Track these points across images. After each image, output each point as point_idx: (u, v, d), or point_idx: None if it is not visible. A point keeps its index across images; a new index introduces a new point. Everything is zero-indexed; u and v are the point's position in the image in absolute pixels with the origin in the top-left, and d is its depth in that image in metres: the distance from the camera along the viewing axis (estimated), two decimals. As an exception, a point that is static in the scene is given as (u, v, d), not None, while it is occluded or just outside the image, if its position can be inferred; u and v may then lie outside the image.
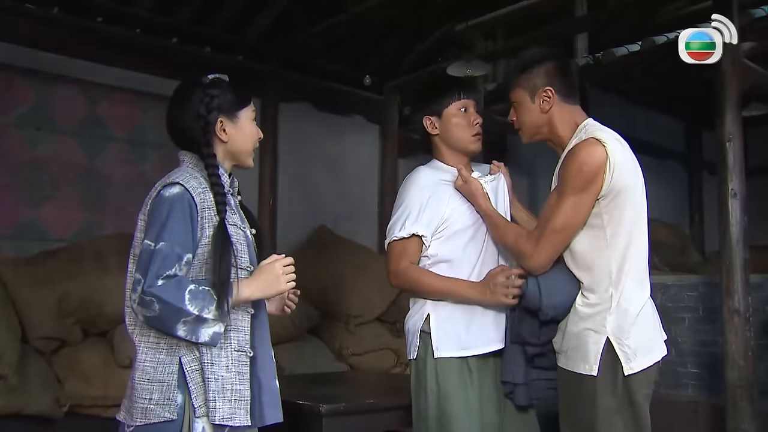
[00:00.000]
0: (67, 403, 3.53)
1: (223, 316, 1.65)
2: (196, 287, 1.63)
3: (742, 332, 3.40)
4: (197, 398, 1.66)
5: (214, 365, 1.67)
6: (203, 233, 1.70)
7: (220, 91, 1.80)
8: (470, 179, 2.20)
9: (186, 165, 1.82)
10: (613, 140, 1.98)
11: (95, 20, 4.50)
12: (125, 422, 1.70)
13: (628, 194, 1.96)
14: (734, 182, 3.50)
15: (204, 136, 1.78)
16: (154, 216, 1.68)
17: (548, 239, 1.98)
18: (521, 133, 2.17)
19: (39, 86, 4.37)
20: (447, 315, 2.19)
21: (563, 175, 1.98)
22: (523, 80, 2.09)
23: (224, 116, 1.81)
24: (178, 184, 1.71)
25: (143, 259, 1.64)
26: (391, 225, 2.25)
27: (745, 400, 3.37)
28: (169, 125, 1.85)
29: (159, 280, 1.60)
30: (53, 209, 4.37)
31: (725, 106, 3.54)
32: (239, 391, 1.70)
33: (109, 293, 3.72)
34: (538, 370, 2.11)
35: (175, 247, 1.63)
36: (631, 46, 4.39)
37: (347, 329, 4.84)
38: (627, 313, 1.93)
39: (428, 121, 2.32)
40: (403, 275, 2.21)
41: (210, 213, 1.71)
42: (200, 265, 1.70)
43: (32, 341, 3.62)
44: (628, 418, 1.90)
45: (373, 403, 2.73)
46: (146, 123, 4.81)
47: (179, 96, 1.84)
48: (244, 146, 1.85)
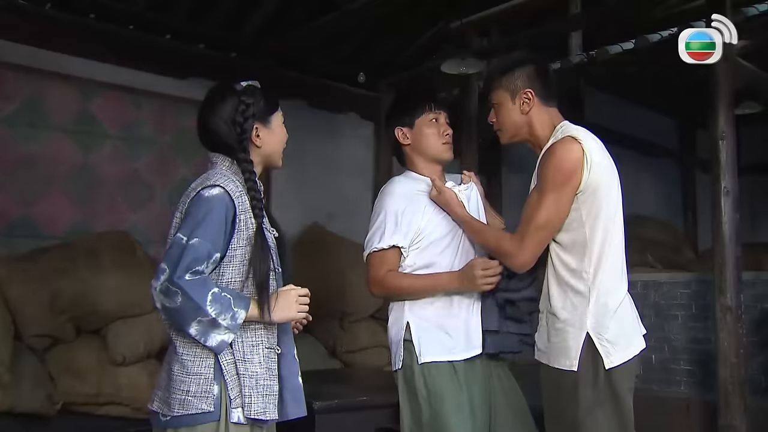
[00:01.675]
0: (60, 401, 3.52)
1: (235, 327, 1.70)
2: (219, 291, 1.68)
3: (735, 329, 3.42)
4: (233, 390, 1.73)
5: (247, 362, 1.75)
6: (240, 236, 1.76)
7: (254, 99, 1.86)
8: (444, 189, 2.25)
9: (220, 167, 1.86)
10: (589, 138, 2.04)
11: (88, 16, 4.47)
12: (160, 411, 1.76)
13: (605, 191, 2.01)
14: (727, 180, 3.51)
15: (240, 143, 1.84)
16: (191, 214, 1.74)
17: (532, 237, 2.02)
18: (500, 134, 2.22)
19: (31, 83, 4.34)
20: (425, 321, 2.24)
21: (542, 174, 2.03)
22: (504, 82, 2.15)
23: (259, 123, 1.87)
24: (219, 186, 1.76)
25: (173, 251, 1.69)
26: (370, 237, 2.30)
27: (736, 396, 3.38)
28: (201, 129, 1.89)
29: (188, 274, 1.65)
30: (46, 206, 4.36)
31: (718, 104, 3.56)
32: (270, 386, 1.78)
33: (103, 291, 3.72)
34: (509, 321, 2.19)
35: (207, 245, 1.69)
36: (625, 45, 4.40)
37: (341, 326, 4.85)
38: (606, 307, 1.96)
39: (400, 132, 2.38)
40: (384, 282, 2.27)
41: (247, 216, 1.77)
42: (239, 268, 1.76)
43: (25, 339, 3.61)
44: (611, 411, 1.93)
45: (367, 400, 2.75)
46: (140, 120, 4.79)
47: (213, 101, 1.88)
48: (275, 149, 1.94)
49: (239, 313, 1.70)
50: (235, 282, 1.75)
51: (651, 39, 4.25)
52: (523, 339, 2.21)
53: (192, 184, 1.82)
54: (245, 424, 1.74)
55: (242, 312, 1.71)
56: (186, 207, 1.78)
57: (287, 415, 1.84)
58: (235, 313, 1.69)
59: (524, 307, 2.17)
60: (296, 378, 1.88)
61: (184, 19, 4.80)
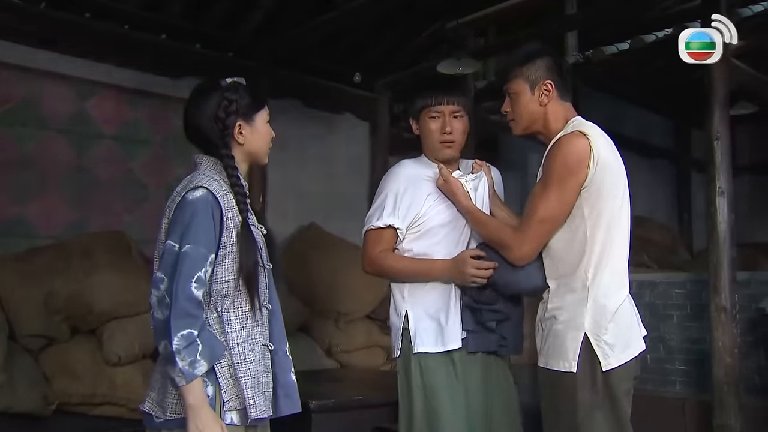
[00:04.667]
0: (54, 401, 3.51)
1: (190, 377, 1.65)
2: (197, 333, 1.65)
3: (729, 329, 3.43)
4: (227, 392, 1.72)
5: (249, 362, 1.74)
6: (228, 233, 1.75)
7: (238, 96, 1.85)
8: (450, 178, 2.23)
9: (204, 168, 1.86)
10: (598, 135, 2.01)
11: (83, 16, 4.46)
12: (153, 414, 1.75)
13: (610, 190, 1.98)
14: (722, 180, 3.52)
15: (222, 139, 1.83)
16: (178, 219, 1.73)
17: (533, 230, 2.00)
18: (514, 125, 2.17)
19: (27, 82, 4.34)
20: (423, 311, 2.24)
21: (548, 167, 2.00)
22: (525, 71, 2.10)
23: (242, 120, 1.86)
24: (202, 188, 1.75)
25: (167, 260, 1.70)
26: (369, 214, 2.32)
27: (731, 396, 3.39)
28: (186, 125, 1.90)
29: (193, 282, 1.66)
30: (41, 206, 4.35)
31: (713, 104, 3.56)
32: (266, 383, 1.79)
33: (98, 290, 3.71)
34: (483, 327, 2.19)
35: (201, 248, 1.69)
36: (621, 45, 4.41)
37: (337, 326, 4.84)
38: (605, 309, 1.94)
39: (411, 121, 2.39)
40: (377, 260, 2.28)
41: (234, 214, 1.77)
42: (231, 266, 1.75)
43: (20, 339, 3.60)
44: (609, 413, 1.91)
45: (362, 399, 2.74)
46: (135, 120, 4.79)
47: (198, 97, 1.89)
48: (259, 147, 1.92)
49: (199, 365, 1.65)
50: (228, 280, 1.75)
51: (646, 39, 4.27)
52: (501, 341, 2.20)
53: (177, 188, 1.82)
54: (239, 425, 1.73)
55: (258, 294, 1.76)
56: (172, 212, 1.77)
57: (280, 412, 1.84)
58: (196, 362, 1.64)
59: (487, 316, 2.17)
60: (289, 375, 1.87)
61: (180, 18, 4.79)
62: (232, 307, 1.76)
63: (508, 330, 2.20)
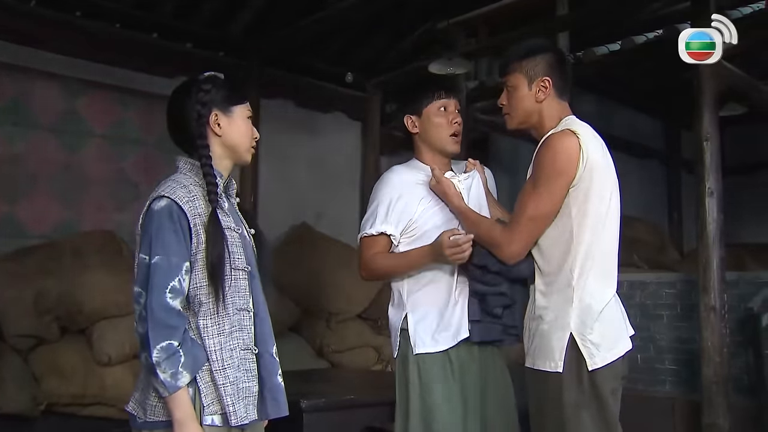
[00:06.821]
0: (44, 402, 3.50)
1: (173, 388, 1.64)
2: (178, 344, 1.65)
3: (718, 329, 3.45)
4: (207, 397, 1.70)
5: (227, 369, 1.72)
6: (198, 239, 1.72)
7: (213, 86, 1.84)
8: (442, 179, 2.23)
9: (180, 172, 1.84)
10: (589, 134, 2.00)
11: (74, 14, 4.44)
12: (136, 414, 1.75)
13: (597, 190, 1.97)
14: (711, 181, 3.54)
15: (198, 128, 1.81)
16: (146, 231, 1.72)
17: (522, 228, 2.00)
18: (508, 119, 2.16)
19: (17, 81, 4.31)
20: (423, 311, 2.24)
21: (537, 165, 2.00)
22: (524, 66, 2.09)
23: (218, 109, 1.84)
24: (165, 197, 1.73)
25: (140, 273, 1.69)
26: (364, 222, 2.33)
27: (720, 395, 3.41)
28: (168, 124, 1.89)
29: (167, 293, 1.64)
30: (31, 206, 4.32)
31: (703, 106, 3.59)
32: (249, 388, 1.76)
33: (88, 290, 3.69)
34: (490, 316, 2.17)
35: (172, 258, 1.67)
36: (612, 46, 4.43)
37: (328, 326, 4.84)
38: (590, 308, 1.94)
39: (409, 120, 2.36)
40: (369, 264, 2.29)
41: (202, 220, 1.74)
42: (202, 271, 1.72)
43: (9, 339, 3.58)
44: (595, 412, 1.91)
45: (354, 399, 2.74)
46: (126, 119, 4.77)
47: (176, 94, 1.88)
48: (239, 141, 1.88)
49: (182, 376, 1.64)
50: (201, 287, 1.72)
51: (637, 41, 4.28)
52: (507, 329, 2.19)
53: (149, 196, 1.80)
54: (221, 426, 1.71)
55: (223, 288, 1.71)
56: (141, 223, 1.76)
57: (267, 415, 1.81)
58: (178, 373, 1.63)
59: (493, 301, 2.14)
60: (275, 377, 1.84)
61: (171, 17, 4.78)
62: (208, 314, 1.73)
63: (513, 317, 2.17)
